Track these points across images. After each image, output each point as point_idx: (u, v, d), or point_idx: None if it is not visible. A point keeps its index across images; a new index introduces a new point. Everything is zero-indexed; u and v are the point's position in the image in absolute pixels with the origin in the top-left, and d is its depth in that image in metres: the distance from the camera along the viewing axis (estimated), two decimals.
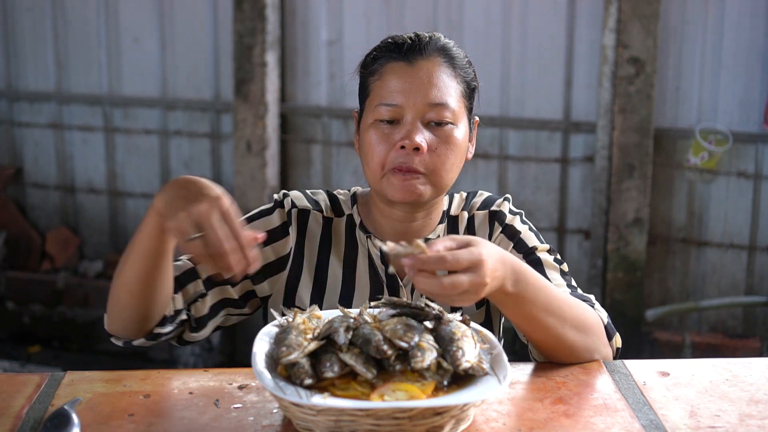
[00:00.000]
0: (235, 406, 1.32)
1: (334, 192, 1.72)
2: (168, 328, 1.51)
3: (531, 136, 4.11)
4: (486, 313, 1.66)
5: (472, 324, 1.36)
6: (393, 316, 1.31)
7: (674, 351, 3.91)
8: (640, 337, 3.96)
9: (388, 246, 1.27)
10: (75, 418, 1.25)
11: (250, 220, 1.63)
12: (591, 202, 4.07)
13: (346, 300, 1.63)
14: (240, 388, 1.38)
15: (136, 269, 1.41)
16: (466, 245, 1.28)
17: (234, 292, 1.60)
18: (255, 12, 4.09)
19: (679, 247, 4.04)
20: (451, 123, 1.56)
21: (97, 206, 4.72)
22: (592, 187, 4.04)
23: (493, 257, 1.29)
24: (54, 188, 4.76)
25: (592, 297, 1.57)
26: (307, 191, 1.69)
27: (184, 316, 1.53)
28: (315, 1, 4.24)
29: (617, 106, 3.84)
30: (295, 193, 1.68)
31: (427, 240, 1.64)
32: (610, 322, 1.52)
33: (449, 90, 1.56)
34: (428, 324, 1.30)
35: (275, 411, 1.31)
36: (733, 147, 3.84)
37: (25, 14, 4.62)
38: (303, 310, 1.61)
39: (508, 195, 1.71)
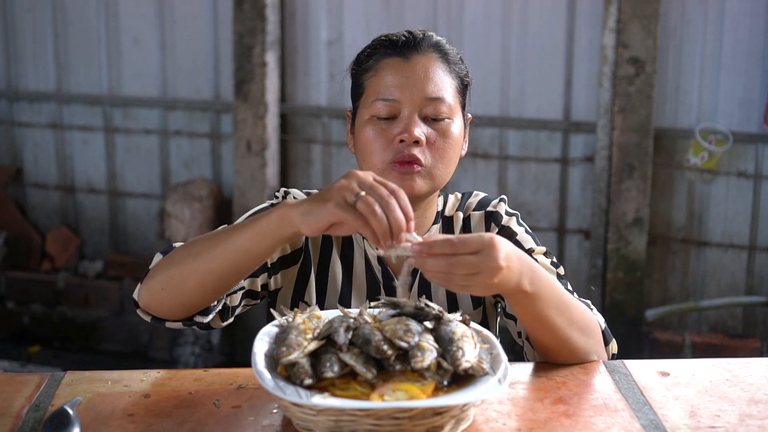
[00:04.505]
0: (235, 406, 1.32)
1: None
2: (209, 317, 1.49)
3: (531, 136, 4.11)
4: (483, 313, 1.66)
5: (472, 324, 1.36)
6: (393, 316, 1.31)
7: (674, 351, 3.91)
8: (640, 337, 3.96)
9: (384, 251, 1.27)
10: (75, 418, 1.25)
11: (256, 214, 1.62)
12: (591, 202, 4.07)
13: (344, 299, 1.63)
14: (240, 388, 1.39)
15: (224, 264, 1.38)
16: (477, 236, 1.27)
17: (258, 283, 1.59)
18: (255, 12, 4.09)
19: (679, 247, 4.03)
20: (448, 117, 1.56)
21: (97, 206, 4.71)
22: (592, 187, 4.03)
23: (507, 246, 1.29)
24: (54, 188, 4.76)
25: (589, 302, 1.57)
26: (303, 190, 1.68)
27: (221, 306, 1.52)
28: (315, 1, 4.23)
29: (617, 106, 3.83)
30: (295, 191, 1.67)
31: None
32: (606, 327, 1.52)
33: (445, 85, 1.56)
34: (428, 324, 1.30)
35: (275, 411, 1.31)
36: (733, 147, 3.84)
37: (25, 14, 4.62)
38: (307, 305, 1.61)
39: (504, 196, 1.70)
